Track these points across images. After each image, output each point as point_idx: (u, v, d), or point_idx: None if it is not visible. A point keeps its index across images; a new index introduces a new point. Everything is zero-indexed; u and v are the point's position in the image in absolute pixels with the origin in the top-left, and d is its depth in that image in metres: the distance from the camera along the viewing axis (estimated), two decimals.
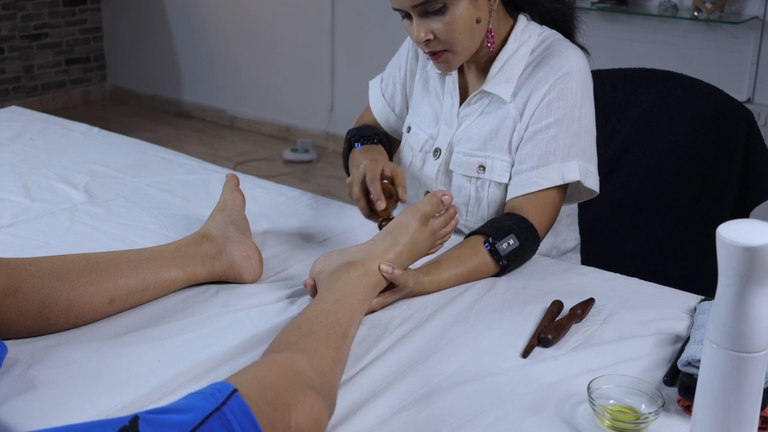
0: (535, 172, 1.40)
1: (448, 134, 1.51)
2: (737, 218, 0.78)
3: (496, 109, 1.46)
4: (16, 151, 1.91)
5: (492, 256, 1.31)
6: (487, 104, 1.47)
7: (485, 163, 1.46)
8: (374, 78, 1.72)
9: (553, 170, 1.39)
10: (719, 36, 3.33)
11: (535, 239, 1.36)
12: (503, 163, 1.45)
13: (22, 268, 1.10)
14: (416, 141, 1.57)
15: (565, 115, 1.39)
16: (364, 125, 1.68)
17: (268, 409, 0.82)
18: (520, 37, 1.45)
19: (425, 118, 1.56)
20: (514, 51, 1.44)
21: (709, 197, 1.70)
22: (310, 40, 4.60)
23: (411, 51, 1.62)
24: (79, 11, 5.41)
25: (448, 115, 1.52)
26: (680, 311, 1.22)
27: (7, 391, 0.99)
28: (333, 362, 0.97)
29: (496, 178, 1.45)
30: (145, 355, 1.08)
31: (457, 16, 1.34)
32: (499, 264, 1.31)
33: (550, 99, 1.40)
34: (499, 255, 1.31)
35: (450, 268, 1.29)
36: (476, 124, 1.48)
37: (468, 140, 1.47)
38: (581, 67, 1.41)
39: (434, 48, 1.39)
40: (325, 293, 1.12)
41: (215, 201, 1.42)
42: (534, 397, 1.01)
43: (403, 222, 1.23)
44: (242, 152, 4.64)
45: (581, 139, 1.41)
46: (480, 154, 1.46)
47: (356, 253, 1.20)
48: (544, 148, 1.40)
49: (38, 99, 5.25)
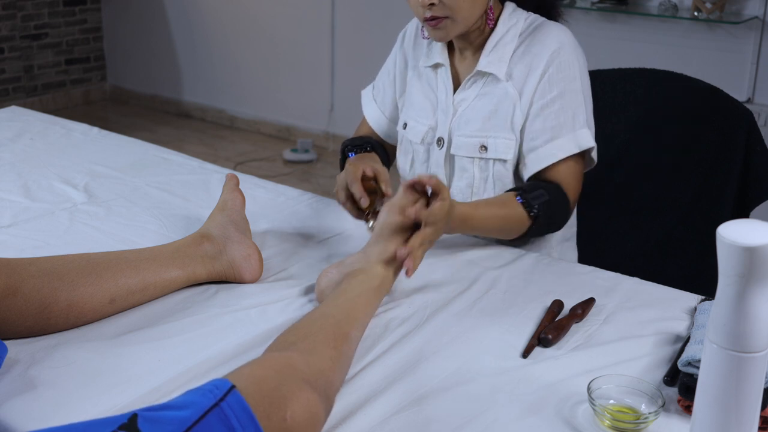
0: (550, 145, 1.45)
1: (446, 122, 1.53)
2: (737, 218, 0.78)
3: (492, 89, 1.49)
4: (16, 151, 1.91)
5: (524, 207, 1.38)
6: (482, 86, 1.50)
7: (487, 143, 1.48)
8: (366, 87, 1.75)
9: (567, 140, 1.44)
10: (719, 36, 3.33)
11: (564, 200, 1.43)
12: (506, 140, 1.48)
13: (22, 268, 1.11)
14: (415, 134, 1.58)
15: (566, 87, 1.45)
16: (358, 136, 1.70)
17: (264, 403, 0.83)
18: (508, 21, 1.50)
19: (422, 110, 1.58)
20: (504, 33, 1.49)
21: (709, 197, 1.70)
22: (310, 40, 4.60)
23: (399, 54, 1.64)
24: (79, 11, 5.40)
25: (443, 103, 1.54)
26: (680, 311, 1.22)
27: (7, 391, 0.99)
28: (331, 361, 0.98)
29: (501, 156, 1.48)
30: (145, 355, 1.08)
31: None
32: (530, 214, 1.37)
33: (551, 74, 1.45)
34: (530, 205, 1.37)
35: (486, 208, 1.36)
36: (473, 106, 1.50)
37: (467, 123, 1.50)
38: (572, 41, 1.48)
39: (436, 13, 1.41)
40: (327, 300, 1.14)
41: (215, 201, 1.42)
42: (534, 397, 1.01)
43: (386, 222, 1.24)
44: (242, 152, 4.64)
45: (585, 108, 1.47)
46: (480, 134, 1.49)
47: (354, 263, 1.21)
48: (554, 121, 1.44)
49: (38, 99, 5.25)
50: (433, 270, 1.34)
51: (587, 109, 1.47)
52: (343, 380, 1.01)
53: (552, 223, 1.44)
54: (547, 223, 1.42)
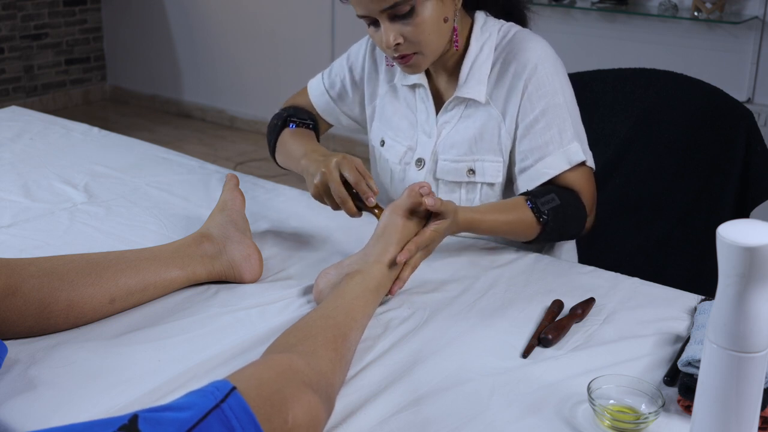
0: (540, 164, 1.42)
1: (428, 144, 1.50)
2: (737, 218, 0.78)
3: (474, 111, 1.46)
4: (16, 151, 1.91)
5: (533, 212, 1.35)
6: (465, 108, 1.48)
7: (474, 167, 1.46)
8: (314, 78, 1.70)
9: (556, 158, 1.41)
10: (719, 36, 3.33)
11: (579, 204, 1.40)
12: (494, 164, 1.46)
13: (22, 268, 1.10)
14: (393, 154, 1.56)
15: (548, 103, 1.41)
16: (300, 107, 1.67)
17: (265, 405, 0.83)
18: (480, 35, 1.46)
19: (399, 130, 1.55)
20: (478, 51, 1.45)
21: (709, 197, 1.69)
22: (310, 40, 4.60)
23: (369, 58, 1.60)
24: (79, 11, 5.40)
25: (425, 124, 1.51)
26: (680, 311, 1.22)
27: (7, 391, 0.99)
28: (332, 363, 0.98)
29: (488, 180, 1.46)
30: (145, 355, 1.08)
31: (427, 16, 1.35)
32: (539, 220, 1.35)
33: (530, 93, 1.42)
34: (540, 210, 1.35)
35: (492, 213, 1.34)
36: (457, 129, 1.48)
37: (452, 147, 1.47)
38: (548, 54, 1.44)
39: (404, 51, 1.38)
40: (326, 301, 1.14)
41: (215, 201, 1.42)
42: (534, 397, 1.01)
43: (389, 222, 1.23)
44: (242, 152, 4.64)
45: (571, 121, 1.43)
46: (467, 158, 1.47)
47: (353, 264, 1.21)
48: (541, 139, 1.41)
49: (38, 99, 5.25)
50: (433, 270, 1.34)
51: (574, 122, 1.43)
52: (343, 381, 1.01)
53: (565, 229, 1.40)
54: (559, 229, 1.38)
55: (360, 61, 1.62)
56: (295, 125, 1.59)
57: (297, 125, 1.59)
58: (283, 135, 1.60)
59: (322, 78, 1.68)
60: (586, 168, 1.44)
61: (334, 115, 1.68)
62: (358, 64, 1.62)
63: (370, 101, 1.62)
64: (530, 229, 1.36)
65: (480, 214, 1.32)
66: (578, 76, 1.76)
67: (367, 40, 1.61)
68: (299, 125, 1.60)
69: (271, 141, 1.63)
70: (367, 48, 1.61)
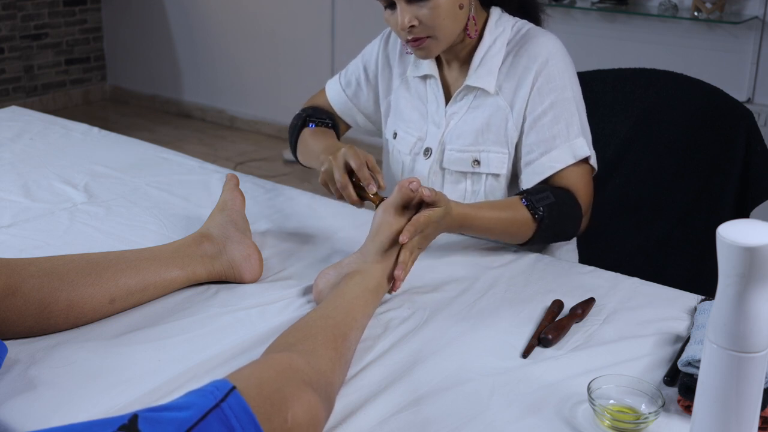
0: (546, 158, 1.43)
1: (437, 134, 1.52)
2: (737, 218, 0.78)
3: (483, 102, 1.48)
4: (16, 151, 1.91)
5: (529, 210, 1.35)
6: (473, 99, 1.49)
7: (480, 158, 1.48)
8: (331, 79, 1.74)
9: (562, 151, 1.42)
10: (719, 36, 3.33)
11: (574, 203, 1.40)
12: (499, 155, 1.47)
13: (22, 268, 1.10)
14: (405, 145, 1.58)
15: (557, 97, 1.43)
16: (319, 107, 1.71)
17: (265, 405, 0.83)
18: (494, 29, 1.48)
19: (411, 121, 1.57)
20: (491, 43, 1.48)
21: (709, 197, 1.69)
22: (310, 40, 4.60)
23: (381, 54, 1.63)
24: (79, 11, 5.40)
25: (435, 115, 1.53)
26: (680, 311, 1.22)
27: (7, 391, 0.99)
28: (331, 362, 0.98)
29: (493, 170, 1.47)
30: (145, 355, 1.08)
31: (442, 1, 1.38)
32: (535, 217, 1.35)
33: (539, 86, 1.43)
34: (535, 207, 1.35)
35: (488, 210, 1.34)
36: (465, 120, 1.49)
37: (459, 137, 1.49)
38: (559, 49, 1.46)
39: (417, 34, 1.40)
40: (325, 301, 1.14)
41: (215, 201, 1.42)
42: (534, 397, 1.01)
43: (382, 221, 1.23)
44: (242, 152, 4.64)
45: (578, 117, 1.45)
46: (473, 149, 1.48)
47: (351, 264, 1.21)
48: (548, 133, 1.43)
49: (38, 99, 5.25)
50: (433, 270, 1.34)
51: (581, 118, 1.45)
52: (343, 381, 1.01)
53: (561, 227, 1.40)
54: (554, 227, 1.38)
55: (374, 58, 1.65)
56: (314, 125, 1.62)
57: (316, 125, 1.62)
58: (303, 134, 1.63)
59: (339, 78, 1.72)
60: (586, 167, 1.45)
61: (351, 114, 1.71)
62: (372, 61, 1.65)
63: (385, 97, 1.64)
64: (525, 227, 1.36)
65: (474, 209, 1.33)
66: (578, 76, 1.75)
67: (380, 39, 1.64)
68: (318, 125, 1.63)
69: (292, 141, 1.67)
70: (380, 45, 1.64)
